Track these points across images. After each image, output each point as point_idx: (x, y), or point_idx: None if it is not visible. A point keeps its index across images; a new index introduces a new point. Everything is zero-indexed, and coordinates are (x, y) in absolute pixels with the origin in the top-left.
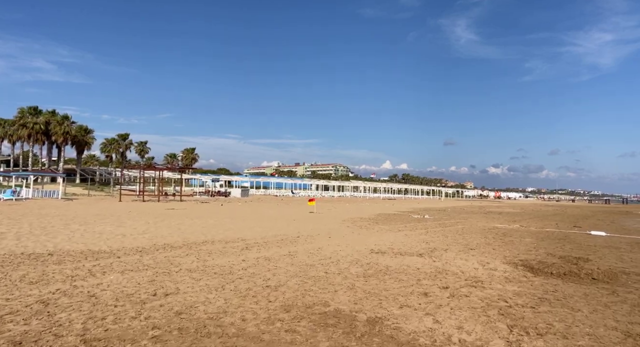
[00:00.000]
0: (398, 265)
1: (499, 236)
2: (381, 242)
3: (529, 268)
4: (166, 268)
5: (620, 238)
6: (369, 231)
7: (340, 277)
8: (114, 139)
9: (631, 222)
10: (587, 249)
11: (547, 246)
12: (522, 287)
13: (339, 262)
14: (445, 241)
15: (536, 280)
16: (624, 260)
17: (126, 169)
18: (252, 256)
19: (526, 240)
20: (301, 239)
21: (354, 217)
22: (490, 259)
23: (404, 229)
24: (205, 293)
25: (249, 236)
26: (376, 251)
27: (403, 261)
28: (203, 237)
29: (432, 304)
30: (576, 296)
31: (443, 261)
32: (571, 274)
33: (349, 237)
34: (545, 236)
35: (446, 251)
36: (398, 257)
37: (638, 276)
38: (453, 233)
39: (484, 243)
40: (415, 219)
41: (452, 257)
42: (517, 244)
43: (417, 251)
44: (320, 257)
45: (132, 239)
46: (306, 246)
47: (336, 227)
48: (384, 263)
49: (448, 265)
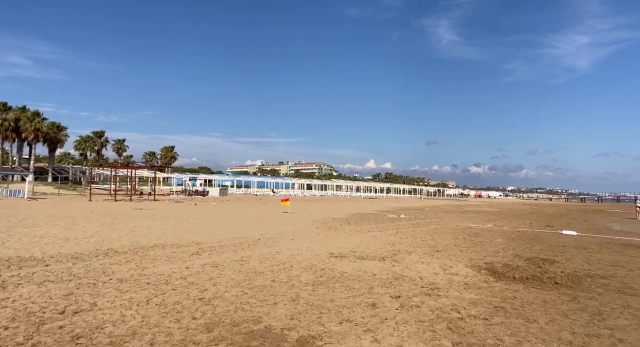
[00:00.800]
0: (354, 271)
1: (470, 236)
2: (345, 245)
3: (493, 272)
4: (94, 278)
5: (590, 238)
6: (337, 232)
7: (287, 286)
8: (88, 137)
9: (603, 221)
10: (556, 250)
11: (517, 246)
12: (480, 294)
13: (292, 269)
14: (413, 243)
15: (497, 286)
16: (590, 261)
17: (98, 167)
18: (199, 262)
19: (497, 240)
20: (261, 242)
21: (327, 217)
22: (454, 262)
23: (374, 230)
24: (124, 309)
25: (206, 239)
26: (336, 254)
27: (361, 266)
28: (155, 241)
29: (377, 318)
30: (535, 303)
31: (403, 265)
32: (534, 278)
33: (314, 240)
34: (516, 236)
35: (410, 253)
36: (357, 261)
37: (602, 279)
38: (424, 234)
39: (452, 244)
40: (390, 219)
41: (415, 261)
42: (486, 245)
43: (380, 254)
44: (274, 262)
45: (74, 243)
46: (263, 250)
47: (304, 229)
48: (340, 269)
49: (407, 270)
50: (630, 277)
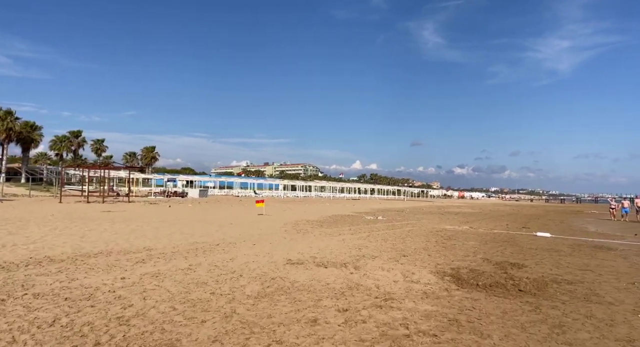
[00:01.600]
0: (308, 280)
1: (443, 239)
2: (308, 250)
3: (456, 279)
4: (7, 293)
5: (564, 240)
6: (305, 235)
7: (226, 299)
8: (64, 136)
9: (579, 222)
10: (527, 253)
11: (488, 250)
12: (436, 305)
13: (240, 278)
14: (382, 247)
15: (457, 294)
16: (560, 265)
17: (69, 167)
18: (140, 271)
19: (469, 243)
20: (220, 247)
21: (302, 219)
22: (419, 268)
23: (345, 233)
24: (19, 333)
25: (160, 245)
26: (294, 261)
27: (317, 274)
28: (103, 247)
29: (313, 338)
30: (494, 314)
31: (363, 272)
32: (498, 285)
33: (277, 245)
34: (490, 239)
35: (374, 259)
36: (314, 269)
37: (569, 285)
38: (395, 237)
39: (422, 248)
40: (366, 221)
41: (376, 268)
42: (457, 249)
43: (342, 260)
44: (223, 271)
45: (9, 250)
46: (217, 257)
47: (271, 232)
48: (293, 278)
49: (365, 278)
50: (598, 282)
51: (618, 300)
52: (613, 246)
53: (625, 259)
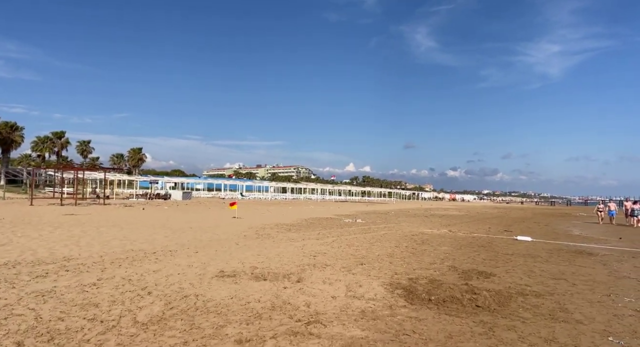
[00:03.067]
0: (227, 297)
1: (415, 244)
2: (254, 258)
3: (409, 292)
4: None
5: (544, 244)
6: (263, 241)
7: (102, 328)
8: (47, 137)
9: (565, 225)
10: (501, 260)
11: (460, 256)
12: (369, 329)
13: (145, 297)
14: (342, 253)
15: (401, 313)
16: (532, 273)
17: (42, 168)
18: (29, 289)
19: (442, 248)
20: (155, 255)
21: (274, 222)
22: (371, 279)
23: (311, 238)
24: None
25: (86, 254)
26: (228, 273)
27: (242, 290)
28: (15, 257)
29: None
30: (435, 340)
31: (301, 286)
32: (453, 300)
33: (222, 252)
34: (466, 243)
35: (325, 268)
36: (245, 282)
37: (536, 298)
38: (363, 242)
39: (387, 254)
40: (342, 224)
41: (321, 279)
42: (425, 255)
43: (286, 271)
44: (132, 287)
45: None
46: (141, 268)
47: (226, 238)
48: (210, 295)
49: (299, 293)
50: (570, 294)
51: (588, 317)
52: (595, 250)
53: (604, 265)
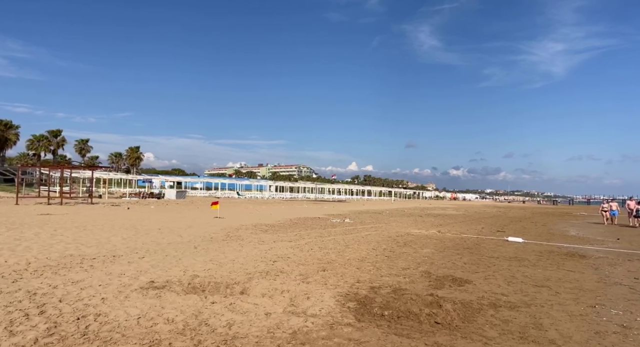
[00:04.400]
0: (136, 317)
1: (396, 246)
2: (202, 265)
3: (362, 305)
4: None
5: (536, 245)
6: (228, 243)
7: None
8: (42, 136)
9: (562, 225)
10: (483, 264)
11: (439, 259)
12: None
13: (32, 318)
14: (306, 258)
15: (342, 333)
16: (513, 280)
17: (26, 167)
18: None
19: (423, 251)
20: (92, 262)
21: (253, 223)
22: (326, 288)
23: (285, 240)
24: None
25: (16, 259)
26: (158, 284)
27: (160, 307)
28: None
29: None
30: None
31: (232, 301)
32: (409, 315)
33: (171, 257)
34: (452, 245)
35: (278, 276)
36: (171, 296)
37: (510, 311)
38: (339, 244)
39: (357, 258)
40: (329, 224)
41: (265, 291)
42: (402, 259)
43: (231, 280)
44: (28, 305)
45: None
46: (63, 279)
47: (189, 240)
48: (115, 315)
49: (228, 310)
50: (549, 305)
51: (565, 335)
52: (588, 253)
53: (596, 270)
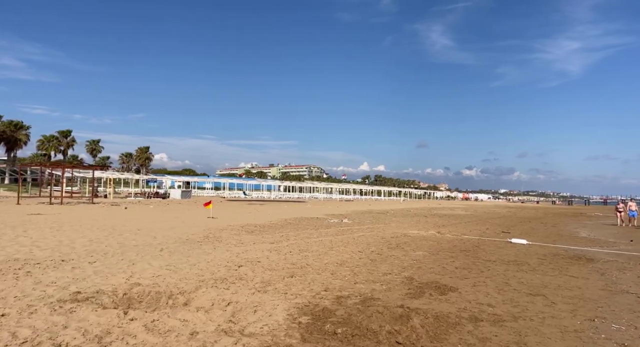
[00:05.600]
0: (20, 341)
1: (386, 248)
2: (155, 272)
3: (317, 319)
4: None
5: (541, 248)
6: (203, 246)
7: None
8: (52, 136)
9: (573, 226)
10: (476, 268)
11: (429, 263)
12: None
13: None
14: (282, 262)
15: None
16: (506, 287)
17: (27, 166)
18: None
19: (414, 254)
20: (35, 267)
21: (246, 223)
22: (285, 298)
23: (266, 242)
24: None
25: None
26: (83, 296)
27: (61, 326)
28: None
29: None
30: None
31: (157, 317)
32: (367, 334)
33: (128, 261)
34: (449, 247)
35: (232, 284)
36: (86, 310)
37: (492, 326)
38: (324, 246)
39: (336, 262)
40: (324, 225)
41: (208, 302)
42: (387, 263)
43: (178, 289)
44: None
45: None
46: None
47: (162, 242)
48: (23, 333)
49: (144, 329)
50: (540, 319)
51: None
52: (597, 256)
53: (602, 275)
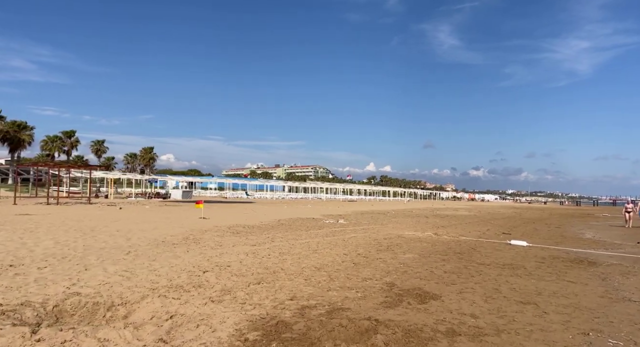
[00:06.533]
0: None
1: (374, 250)
2: (105, 279)
3: (267, 336)
4: None
5: (541, 250)
6: (176, 248)
7: None
8: (56, 137)
9: (579, 227)
10: (467, 273)
11: (417, 267)
12: None
13: None
14: (255, 266)
15: None
16: (495, 294)
17: (22, 166)
18: None
19: (403, 257)
20: None
21: (236, 224)
22: (242, 309)
23: (248, 244)
24: None
25: None
26: (7, 308)
27: None
28: None
29: None
30: None
31: (61, 339)
32: None
33: (83, 266)
34: (442, 250)
35: (185, 293)
36: None
37: (470, 342)
38: (310, 248)
39: (315, 267)
40: (318, 225)
41: (144, 316)
42: (370, 267)
43: (124, 299)
44: None
45: None
46: None
47: (134, 244)
48: None
49: None
50: (527, 332)
51: None
52: (600, 259)
53: (603, 280)
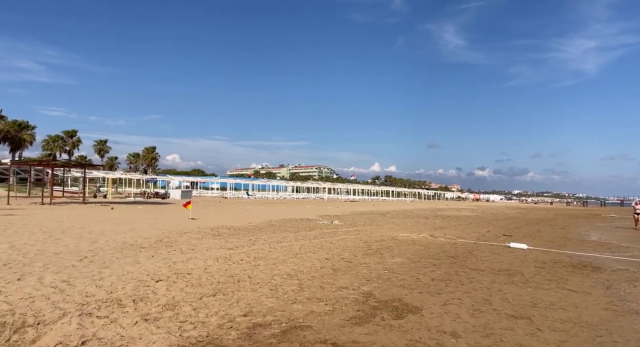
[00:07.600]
0: None
1: (361, 254)
2: (32, 290)
3: None
4: None
5: (541, 254)
6: (140, 253)
7: None
8: (57, 136)
9: (584, 229)
10: (458, 279)
11: (404, 273)
12: None
13: None
14: (220, 273)
15: None
16: (484, 307)
17: (16, 165)
18: None
19: (391, 261)
20: None
21: (223, 225)
22: (173, 331)
23: (224, 247)
24: None
25: None
26: None
27: None
28: None
29: None
30: None
31: None
32: None
33: (20, 275)
34: (435, 253)
35: (118, 309)
36: None
37: None
38: (291, 253)
39: (287, 273)
40: (310, 226)
41: (44, 344)
42: (352, 274)
43: (35, 318)
44: None
45: None
46: None
47: (96, 248)
48: None
49: None
50: None
51: None
52: (605, 263)
53: (607, 289)
